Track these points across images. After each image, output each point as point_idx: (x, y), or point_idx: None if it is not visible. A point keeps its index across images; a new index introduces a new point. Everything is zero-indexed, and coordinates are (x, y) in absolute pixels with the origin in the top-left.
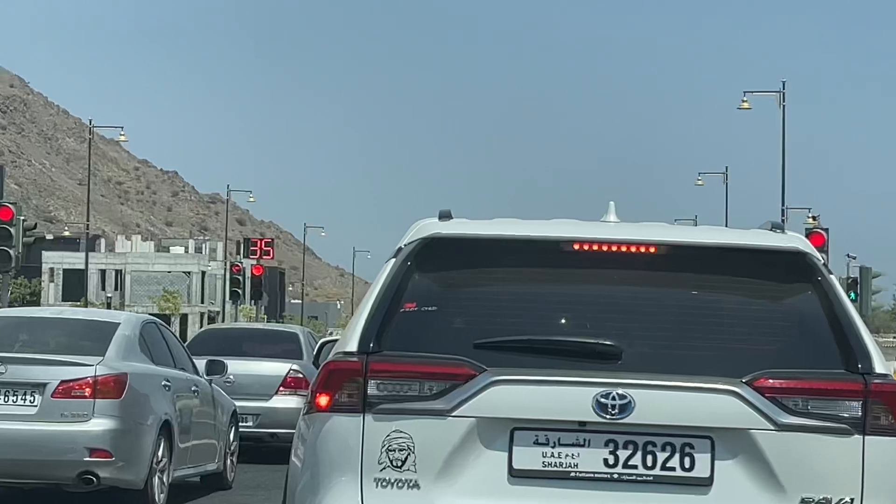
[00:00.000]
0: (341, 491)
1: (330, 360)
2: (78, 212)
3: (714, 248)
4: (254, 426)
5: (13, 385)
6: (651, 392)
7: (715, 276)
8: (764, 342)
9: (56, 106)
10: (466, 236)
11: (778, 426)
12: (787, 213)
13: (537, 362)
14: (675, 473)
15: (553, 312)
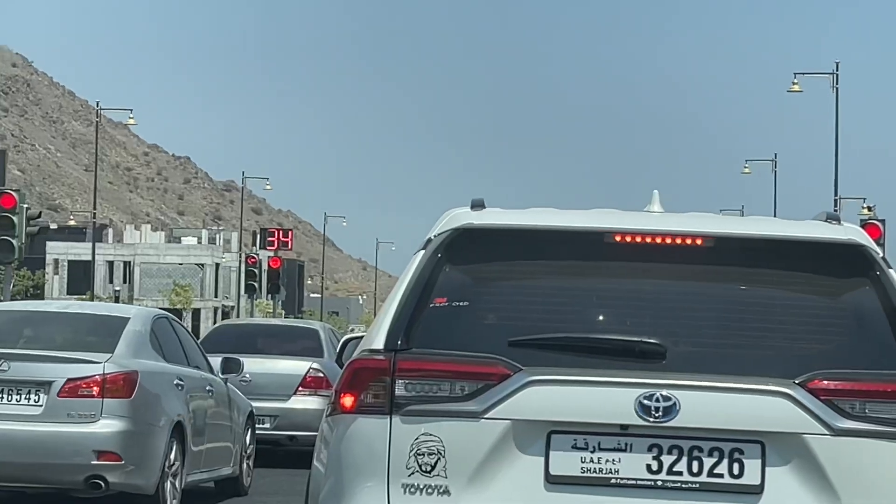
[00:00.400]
0: (367, 497)
1: (355, 358)
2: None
3: (765, 240)
4: (271, 428)
5: (17, 383)
6: (697, 394)
7: (766, 270)
8: (818, 341)
9: (61, 87)
10: (501, 227)
11: (833, 431)
12: (841, 203)
13: (576, 361)
14: (723, 480)
15: (593, 308)
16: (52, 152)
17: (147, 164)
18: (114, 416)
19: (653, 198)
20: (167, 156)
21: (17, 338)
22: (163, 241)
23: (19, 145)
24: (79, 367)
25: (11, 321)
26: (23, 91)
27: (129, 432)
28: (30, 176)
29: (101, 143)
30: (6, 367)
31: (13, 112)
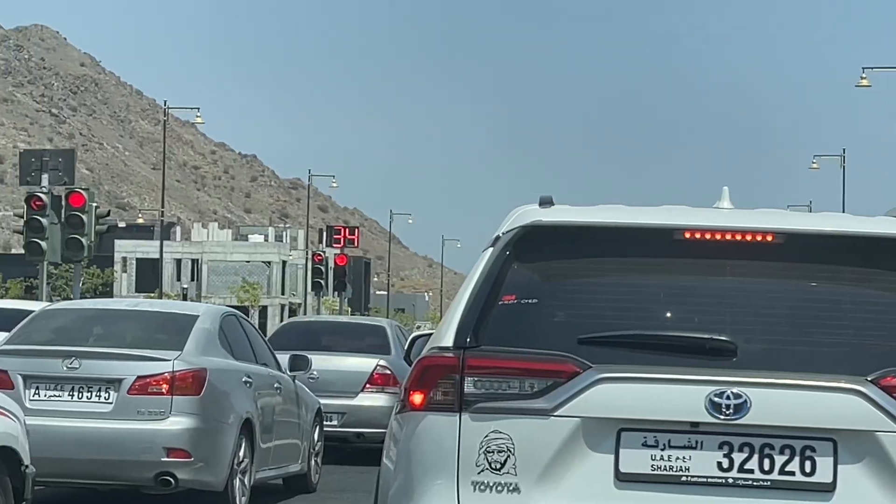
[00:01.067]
0: (437, 495)
1: (424, 355)
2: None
3: (836, 236)
4: (339, 425)
5: (87, 381)
6: (768, 391)
7: (836, 267)
8: (890, 338)
9: (129, 86)
10: (570, 224)
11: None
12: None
13: (646, 359)
14: (795, 478)
15: (663, 305)
16: (120, 151)
17: (214, 162)
18: (183, 413)
19: (722, 194)
20: (234, 154)
21: (87, 336)
22: (230, 239)
23: (87, 144)
24: (148, 365)
25: (82, 319)
26: (91, 90)
27: (198, 429)
28: (98, 175)
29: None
30: (77, 365)
31: (82, 111)
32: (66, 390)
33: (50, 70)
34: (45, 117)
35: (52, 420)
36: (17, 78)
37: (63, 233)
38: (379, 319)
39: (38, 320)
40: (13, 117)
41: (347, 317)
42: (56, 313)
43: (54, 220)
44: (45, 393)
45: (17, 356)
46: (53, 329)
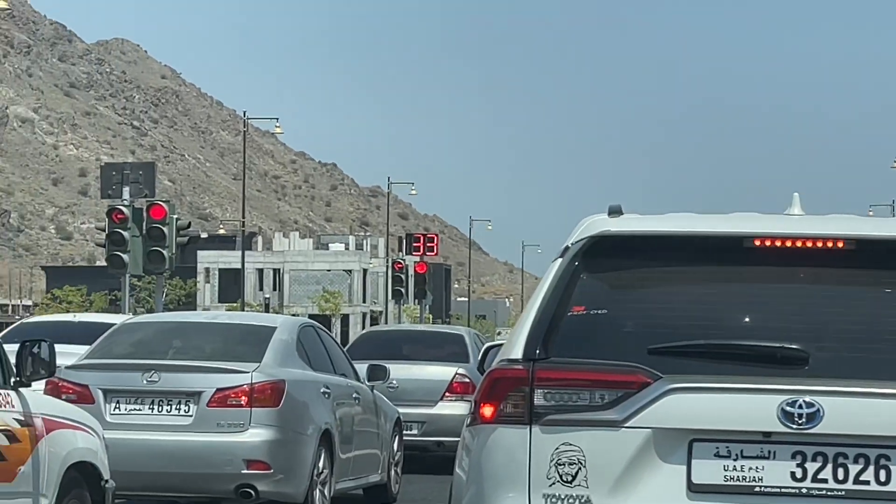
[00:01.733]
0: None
1: (494, 367)
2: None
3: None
4: (419, 434)
5: (167, 394)
6: (841, 399)
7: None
8: None
9: (209, 97)
10: (638, 233)
11: None
12: None
13: (717, 368)
14: (870, 487)
15: (733, 314)
16: (201, 162)
17: (294, 171)
18: (262, 425)
19: (793, 200)
20: (314, 163)
21: (167, 349)
22: (311, 248)
23: (169, 156)
24: (227, 377)
25: (161, 333)
26: (172, 102)
27: (277, 441)
28: (180, 186)
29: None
30: (157, 379)
31: (163, 123)
32: (147, 404)
33: (131, 83)
34: (127, 130)
35: (133, 434)
36: (100, 91)
37: (145, 245)
38: (457, 328)
39: (118, 334)
40: (96, 130)
41: (426, 325)
42: (135, 327)
43: (136, 233)
44: (126, 407)
45: (97, 370)
46: (133, 343)
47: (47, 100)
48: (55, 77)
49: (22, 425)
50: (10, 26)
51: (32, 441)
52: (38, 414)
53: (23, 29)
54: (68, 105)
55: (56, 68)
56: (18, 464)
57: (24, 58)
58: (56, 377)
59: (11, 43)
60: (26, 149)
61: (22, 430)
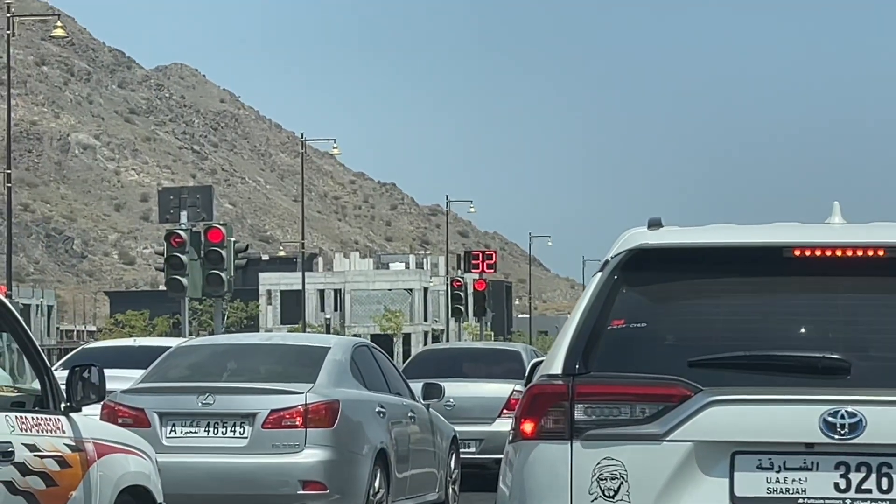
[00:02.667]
0: None
1: (534, 383)
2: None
3: None
4: (477, 452)
5: (223, 416)
6: (884, 409)
7: None
8: None
9: (268, 120)
10: (677, 245)
11: None
12: None
13: (758, 380)
14: None
15: (774, 325)
16: (261, 185)
17: (354, 192)
18: (317, 445)
19: (833, 209)
20: (373, 183)
21: (221, 371)
22: (371, 268)
23: (229, 179)
24: (281, 398)
25: (216, 355)
26: (231, 126)
27: (333, 461)
28: (241, 209)
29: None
30: (212, 401)
31: (223, 147)
32: (202, 426)
33: (190, 107)
34: (188, 154)
35: (189, 456)
36: (159, 116)
37: (203, 268)
38: (515, 345)
39: (173, 357)
40: (156, 155)
41: (483, 343)
42: (190, 350)
43: (194, 257)
44: (181, 430)
45: (152, 394)
46: (188, 366)
47: (108, 126)
48: (115, 103)
49: (73, 450)
50: (70, 54)
51: (84, 466)
52: (90, 438)
53: (82, 56)
54: (129, 131)
55: (116, 94)
56: (70, 489)
57: (85, 85)
58: (112, 401)
59: (72, 71)
60: (88, 175)
61: (73, 455)
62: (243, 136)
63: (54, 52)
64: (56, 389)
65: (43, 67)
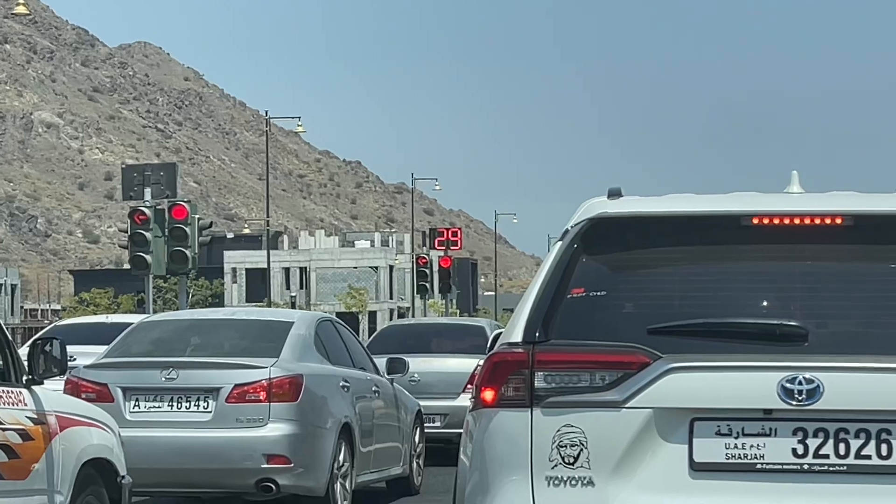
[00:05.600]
0: (512, 491)
1: (495, 351)
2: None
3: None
4: (441, 426)
5: (186, 391)
6: (841, 375)
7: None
8: None
9: (233, 98)
10: (636, 214)
11: None
12: None
13: (716, 347)
14: (871, 462)
15: (732, 293)
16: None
17: (319, 170)
18: (281, 419)
19: (792, 178)
20: (338, 161)
21: (184, 346)
22: (337, 246)
23: (194, 157)
24: (245, 373)
25: (179, 330)
26: (195, 104)
27: (297, 435)
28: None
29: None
30: (175, 376)
31: (187, 125)
32: (166, 401)
33: (154, 86)
34: (152, 133)
35: (153, 431)
36: (123, 95)
37: (167, 246)
38: (479, 320)
39: (136, 333)
40: (120, 134)
41: (447, 318)
42: (153, 325)
43: (158, 234)
44: (145, 404)
45: (116, 369)
46: (151, 341)
47: (71, 105)
48: (79, 82)
49: (35, 423)
50: (33, 32)
51: (46, 438)
52: (52, 411)
53: (45, 34)
54: (92, 109)
55: (79, 73)
56: (32, 461)
57: (48, 63)
58: (75, 376)
59: (34, 49)
60: (52, 154)
61: (35, 428)
62: (208, 115)
63: (17, 29)
64: (18, 363)
65: (5, 45)
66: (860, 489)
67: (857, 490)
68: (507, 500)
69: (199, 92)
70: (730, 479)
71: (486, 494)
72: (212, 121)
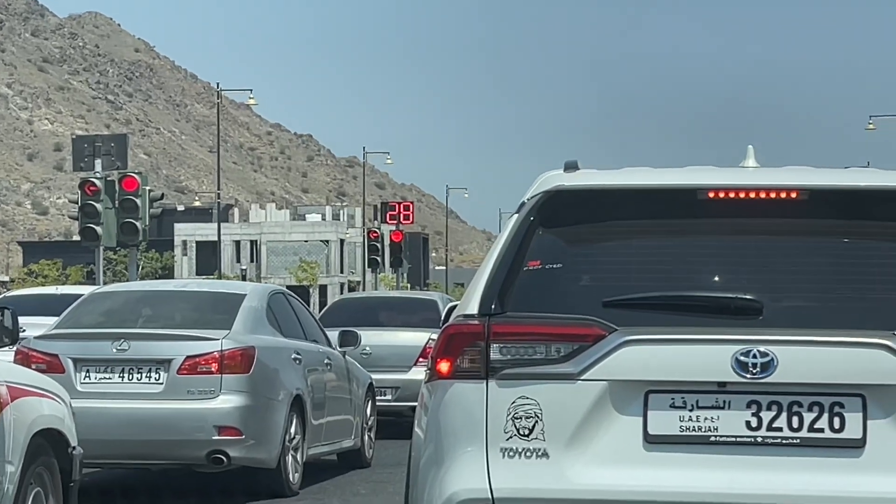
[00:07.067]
0: (466, 463)
1: (450, 323)
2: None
3: (861, 191)
4: (393, 400)
5: (137, 362)
6: (795, 348)
7: (864, 222)
8: None
9: (183, 70)
10: (592, 187)
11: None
12: None
13: (672, 320)
14: (824, 435)
15: (688, 266)
16: (176, 135)
17: (270, 143)
18: (233, 391)
19: (747, 153)
20: (290, 134)
21: (136, 318)
22: (288, 220)
23: (144, 129)
24: (197, 345)
25: (130, 301)
26: (146, 76)
27: (248, 407)
28: (156, 159)
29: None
30: (126, 347)
31: (137, 97)
32: (117, 372)
33: (105, 57)
34: (102, 104)
35: (104, 402)
36: (73, 66)
37: (118, 217)
38: (431, 293)
39: (87, 304)
40: (70, 105)
41: (399, 292)
42: (105, 296)
43: (109, 205)
44: (96, 375)
45: (67, 340)
46: (102, 312)
47: (20, 75)
48: (28, 52)
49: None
50: None
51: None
52: (2, 381)
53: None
54: (42, 80)
55: (29, 43)
56: None
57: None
58: (26, 347)
59: None
60: (0, 125)
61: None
62: (158, 87)
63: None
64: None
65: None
66: (813, 462)
67: (809, 463)
68: (461, 472)
69: (150, 63)
70: (684, 452)
71: (440, 466)
72: (162, 92)
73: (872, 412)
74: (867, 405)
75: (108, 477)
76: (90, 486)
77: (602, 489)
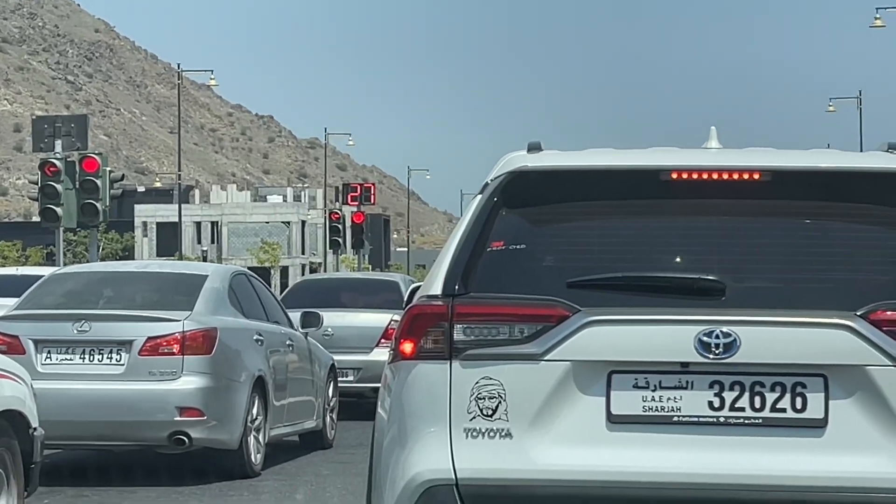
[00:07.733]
0: (429, 443)
1: (414, 304)
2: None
3: (823, 172)
4: (355, 381)
5: (98, 343)
6: (757, 329)
7: (826, 203)
8: (879, 273)
9: (144, 51)
10: (555, 168)
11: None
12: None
13: (635, 300)
14: (786, 415)
15: (651, 247)
16: (137, 116)
17: (231, 124)
18: (195, 372)
19: (710, 134)
20: (251, 115)
21: (97, 299)
22: (249, 201)
23: (105, 110)
24: (159, 326)
25: (92, 282)
26: (106, 56)
27: (210, 388)
28: (116, 140)
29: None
30: (87, 328)
31: (97, 77)
32: (78, 353)
33: (64, 37)
34: (62, 84)
35: (65, 383)
36: (32, 46)
37: (78, 198)
38: (393, 275)
39: (48, 285)
40: (29, 85)
41: (361, 273)
42: (66, 277)
43: (69, 186)
44: (57, 357)
45: (27, 321)
46: (63, 293)
47: None
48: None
49: None
50: None
51: None
52: None
53: None
54: (1, 60)
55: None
56: None
57: None
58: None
59: None
60: None
61: None
62: (118, 67)
63: None
64: None
65: None
66: (775, 442)
67: (771, 443)
68: (424, 452)
69: (110, 44)
70: (646, 432)
71: (403, 446)
72: (123, 73)
73: (834, 392)
74: (829, 385)
75: (70, 458)
76: (51, 467)
77: (565, 469)
